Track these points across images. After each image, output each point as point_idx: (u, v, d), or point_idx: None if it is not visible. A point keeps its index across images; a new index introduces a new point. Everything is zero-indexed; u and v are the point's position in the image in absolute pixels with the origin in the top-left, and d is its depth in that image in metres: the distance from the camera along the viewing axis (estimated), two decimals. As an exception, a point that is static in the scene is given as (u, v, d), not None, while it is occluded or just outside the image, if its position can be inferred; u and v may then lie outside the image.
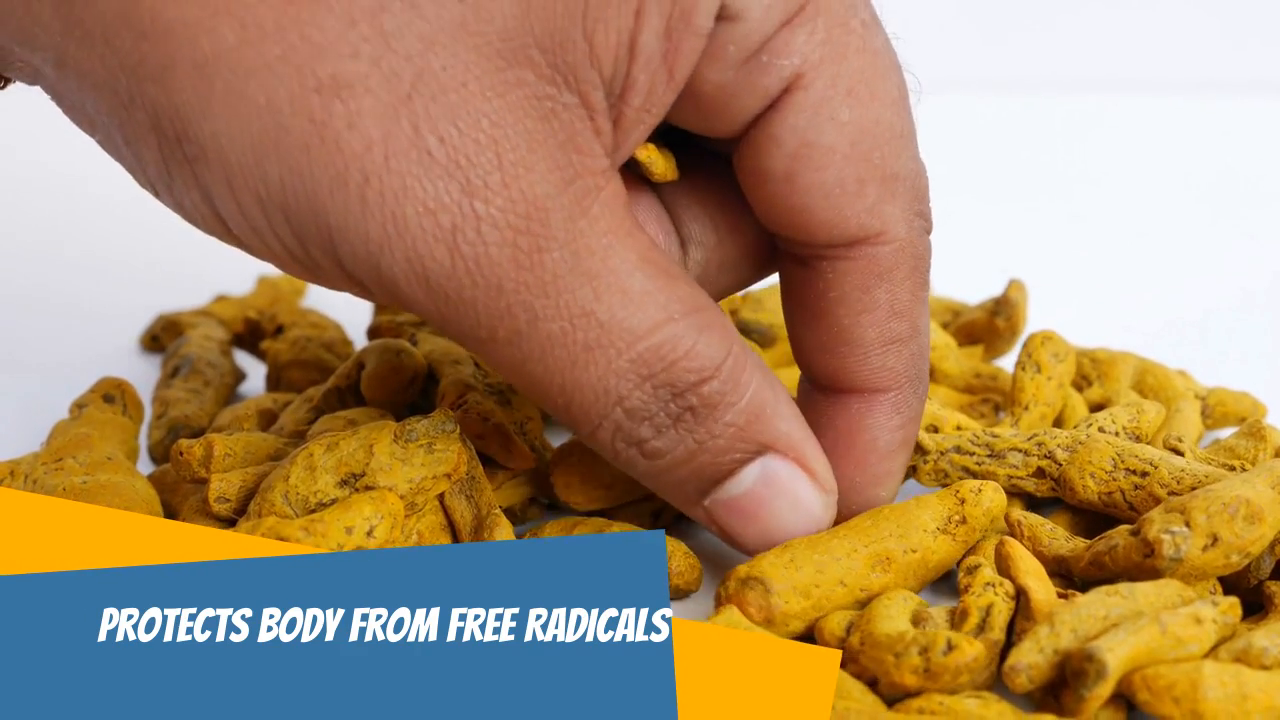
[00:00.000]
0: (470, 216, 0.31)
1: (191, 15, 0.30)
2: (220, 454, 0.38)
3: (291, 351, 0.47)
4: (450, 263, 0.31)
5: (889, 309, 0.36)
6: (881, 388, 0.36)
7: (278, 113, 0.30)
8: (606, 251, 0.32)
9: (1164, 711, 0.31)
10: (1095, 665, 0.31)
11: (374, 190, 0.30)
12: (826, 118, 0.34)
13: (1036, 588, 0.34)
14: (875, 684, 0.33)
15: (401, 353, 0.43)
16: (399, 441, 0.36)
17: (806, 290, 0.36)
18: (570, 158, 0.32)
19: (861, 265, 0.35)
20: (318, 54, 0.30)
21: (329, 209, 0.31)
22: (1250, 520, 0.34)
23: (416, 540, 0.37)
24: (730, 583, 0.35)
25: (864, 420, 0.37)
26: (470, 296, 0.31)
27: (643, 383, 0.33)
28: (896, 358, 0.36)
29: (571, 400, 0.33)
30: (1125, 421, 0.42)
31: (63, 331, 0.55)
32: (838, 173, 0.34)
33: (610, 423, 0.33)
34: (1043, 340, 0.44)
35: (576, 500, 0.40)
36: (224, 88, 0.30)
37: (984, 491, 0.37)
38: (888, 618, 0.34)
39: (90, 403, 0.43)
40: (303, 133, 0.30)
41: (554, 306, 0.32)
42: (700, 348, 0.33)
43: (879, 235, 0.35)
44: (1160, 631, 0.32)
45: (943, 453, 0.41)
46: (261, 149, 0.30)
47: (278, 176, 0.31)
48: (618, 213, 0.32)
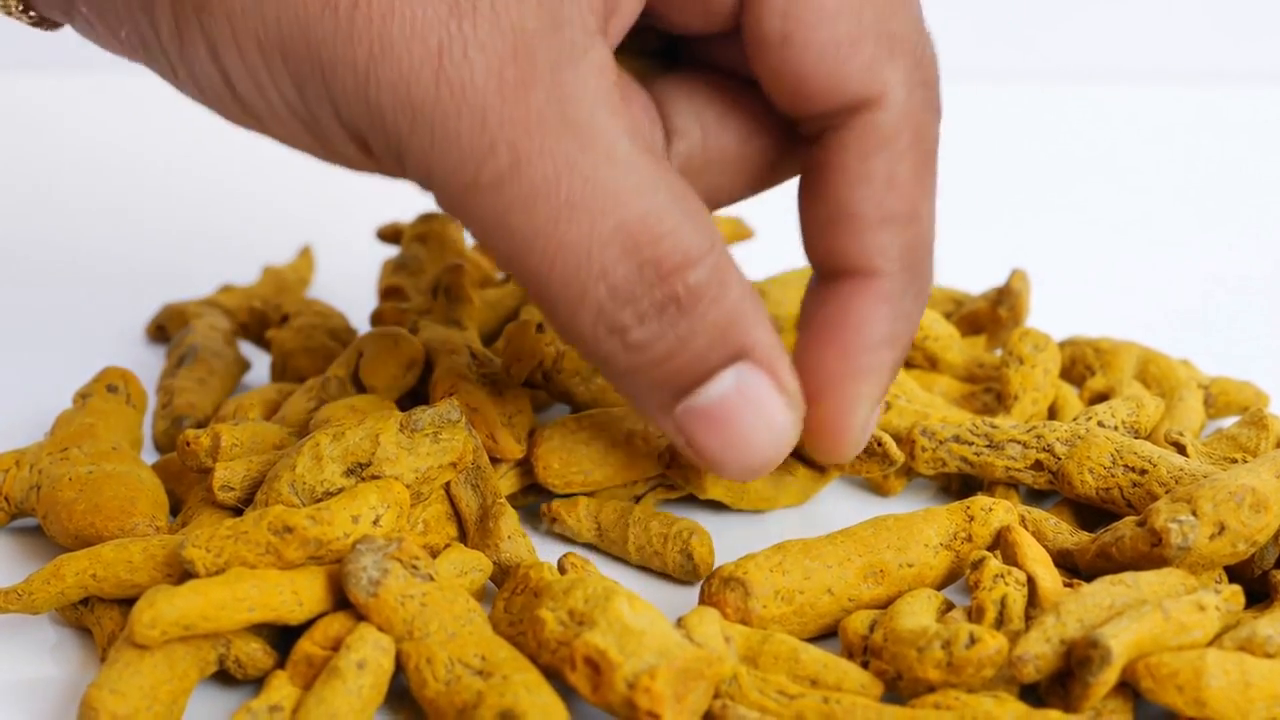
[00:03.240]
0: (457, 37, 0.31)
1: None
2: (228, 444, 0.38)
3: (296, 340, 0.47)
4: (435, 88, 0.31)
5: (886, 182, 0.35)
6: (873, 270, 0.36)
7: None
8: (593, 111, 0.32)
9: (1168, 699, 0.31)
10: (1100, 652, 0.31)
11: (361, 13, 0.31)
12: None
13: (1044, 575, 0.34)
14: (898, 681, 0.33)
15: (400, 340, 0.43)
16: (405, 431, 0.36)
17: (813, 168, 0.36)
18: (561, 5, 0.32)
19: (860, 133, 0.35)
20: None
21: (320, 41, 0.31)
22: (1256, 509, 0.34)
23: (422, 529, 0.37)
24: (714, 581, 0.35)
25: (852, 304, 0.36)
26: (454, 128, 0.31)
27: (626, 256, 0.32)
28: (892, 238, 0.36)
29: (554, 265, 0.32)
30: (1124, 415, 0.42)
31: (68, 321, 0.55)
32: (831, 30, 0.34)
33: (593, 300, 0.32)
34: (1020, 336, 0.44)
35: (556, 484, 0.40)
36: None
37: (995, 511, 0.37)
38: (911, 614, 0.34)
39: (94, 393, 0.43)
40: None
41: (538, 150, 0.31)
42: (685, 231, 0.33)
43: (878, 99, 0.35)
44: (1164, 618, 0.32)
45: (941, 442, 0.41)
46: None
47: (275, 14, 0.31)
48: (605, 82, 0.32)
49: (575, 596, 0.32)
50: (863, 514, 0.38)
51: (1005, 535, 0.36)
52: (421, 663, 0.32)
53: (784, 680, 0.32)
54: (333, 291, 0.56)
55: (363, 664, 0.32)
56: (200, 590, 0.32)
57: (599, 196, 0.32)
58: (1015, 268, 0.50)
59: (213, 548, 0.34)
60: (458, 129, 0.31)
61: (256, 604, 0.33)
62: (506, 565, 0.37)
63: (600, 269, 0.32)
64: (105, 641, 0.35)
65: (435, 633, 0.32)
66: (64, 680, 0.35)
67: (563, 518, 0.40)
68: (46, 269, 0.61)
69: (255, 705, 0.32)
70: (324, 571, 0.34)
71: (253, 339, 0.52)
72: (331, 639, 0.33)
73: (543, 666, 0.32)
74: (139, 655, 0.32)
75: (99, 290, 0.58)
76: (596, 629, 0.31)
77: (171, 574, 0.35)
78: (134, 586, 0.35)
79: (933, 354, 0.47)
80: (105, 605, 0.35)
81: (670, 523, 0.39)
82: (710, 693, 0.31)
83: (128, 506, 0.38)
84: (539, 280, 0.32)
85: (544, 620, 0.32)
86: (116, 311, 0.56)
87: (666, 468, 0.40)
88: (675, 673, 0.30)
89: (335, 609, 0.34)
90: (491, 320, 0.48)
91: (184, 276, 0.58)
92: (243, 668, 0.34)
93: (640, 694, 0.30)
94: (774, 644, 0.33)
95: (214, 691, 0.34)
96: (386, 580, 0.33)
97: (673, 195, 0.33)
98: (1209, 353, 0.51)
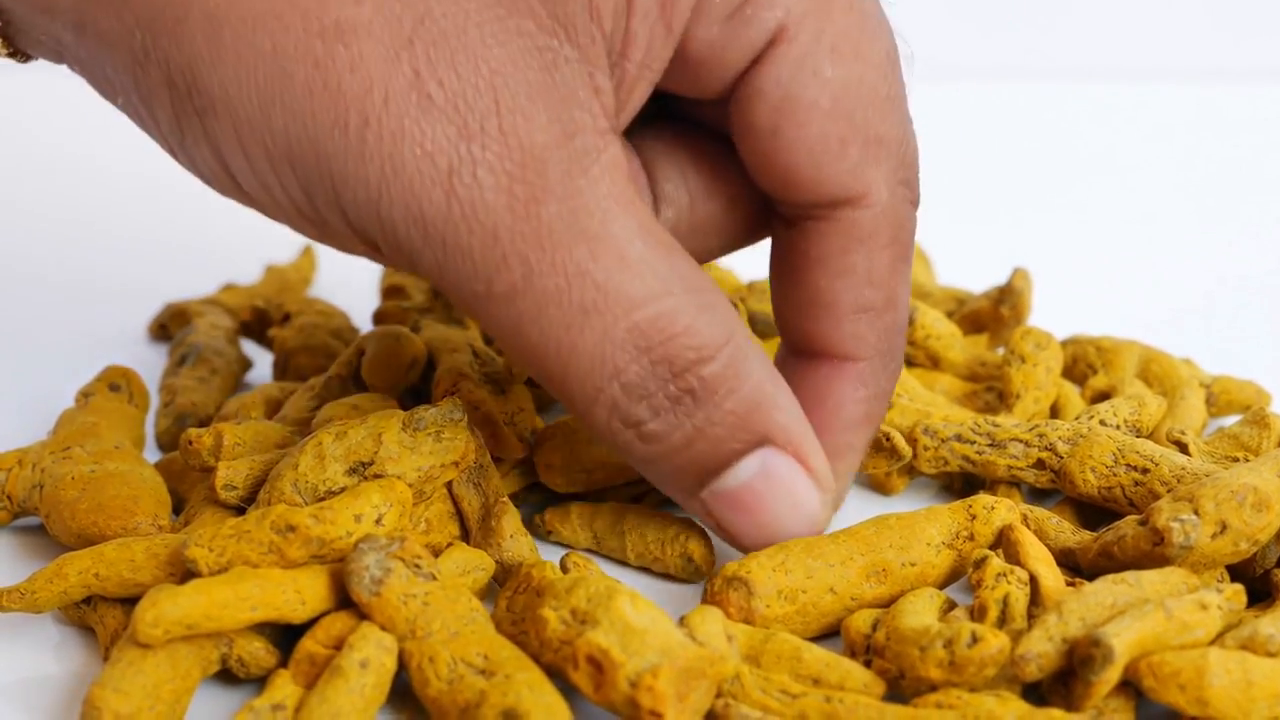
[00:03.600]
0: (467, 159, 0.31)
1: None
2: (230, 443, 0.38)
3: (299, 338, 0.47)
4: (446, 206, 0.31)
5: (865, 276, 0.36)
6: (851, 355, 0.36)
7: (283, 59, 0.31)
8: (605, 215, 0.32)
9: (1170, 698, 0.31)
10: (1102, 650, 0.31)
11: (373, 132, 0.31)
12: (809, 72, 0.34)
13: (1046, 574, 0.34)
14: (901, 680, 0.33)
15: (401, 338, 0.43)
16: (407, 430, 0.36)
17: (790, 250, 0.36)
18: (571, 113, 0.32)
19: (841, 228, 0.35)
20: (322, 1, 0.31)
21: (331, 154, 0.31)
22: (1258, 508, 0.34)
23: (425, 528, 0.37)
24: (717, 580, 0.35)
25: (830, 386, 0.36)
26: (466, 243, 0.31)
27: (640, 355, 0.32)
28: (869, 327, 0.36)
29: (568, 368, 0.32)
30: (1127, 414, 0.42)
31: (71, 320, 0.55)
32: (820, 129, 0.34)
33: (607, 398, 0.33)
34: (1022, 335, 0.45)
35: (558, 483, 0.40)
36: (232, 36, 0.31)
37: (996, 510, 0.37)
38: (914, 613, 0.34)
39: (96, 391, 0.43)
40: (306, 78, 0.31)
41: (549, 262, 0.31)
42: (700, 326, 0.33)
43: (861, 198, 0.35)
44: (1166, 617, 0.32)
45: (943, 440, 0.41)
46: (267, 97, 0.31)
47: (283, 125, 0.31)
48: (618, 180, 0.32)
49: (578, 595, 0.32)
50: (864, 513, 0.38)
51: (1007, 534, 0.36)
52: (424, 662, 0.32)
53: (786, 679, 0.32)
54: (335, 290, 0.56)
55: (365, 663, 0.32)
56: (203, 589, 0.32)
57: (612, 302, 0.32)
58: (1017, 266, 0.50)
59: (215, 547, 0.34)
60: (469, 245, 0.31)
61: (259, 603, 0.33)
62: (509, 564, 0.37)
63: (614, 369, 0.32)
64: (108, 640, 0.35)
65: (438, 632, 0.32)
66: (67, 679, 0.35)
67: (557, 529, 0.40)
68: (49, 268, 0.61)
69: (258, 704, 0.32)
70: (326, 570, 0.34)
71: (255, 338, 0.52)
72: (334, 638, 0.33)
73: (545, 666, 0.32)
74: (142, 654, 0.32)
75: (101, 289, 0.58)
76: (599, 628, 0.31)
77: (174, 573, 0.35)
78: (137, 585, 0.35)
79: (935, 353, 0.47)
80: (108, 604, 0.35)
81: (666, 526, 0.39)
82: (713, 692, 0.31)
83: (130, 505, 0.38)
84: (554, 381, 0.33)
85: (546, 619, 0.32)
86: (119, 310, 0.56)
87: None
88: (678, 672, 0.30)
89: (338, 608, 0.34)
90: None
91: (186, 275, 0.58)
92: (245, 667, 0.34)
93: (643, 693, 0.30)
94: (776, 643, 0.34)
95: (217, 690, 0.34)
96: (389, 579, 0.33)
97: (686, 288, 0.33)
98: (1210, 351, 0.51)
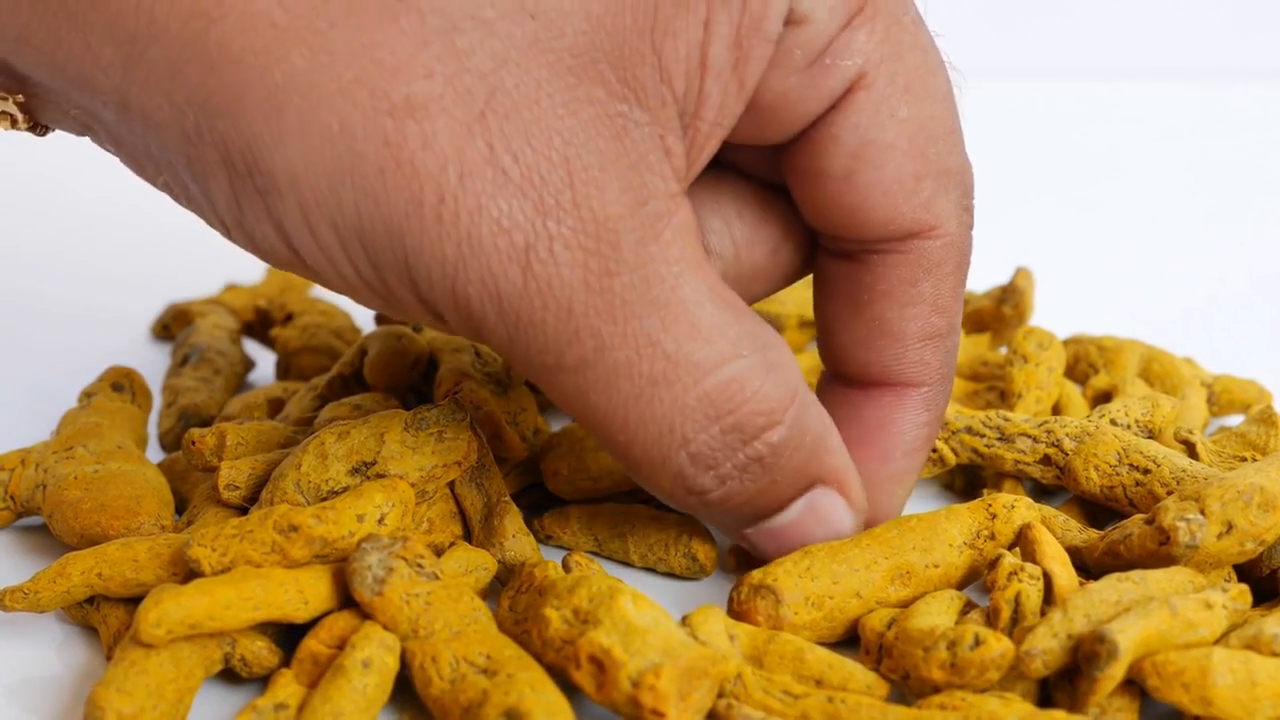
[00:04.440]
0: (543, 235, 0.30)
1: (261, 44, 0.29)
2: (233, 443, 0.38)
3: (301, 338, 0.48)
4: (523, 283, 0.31)
5: (933, 304, 0.36)
6: (916, 382, 0.36)
7: (351, 138, 0.30)
8: (676, 280, 0.32)
9: (1174, 698, 0.31)
10: (1107, 647, 0.31)
11: (449, 210, 0.30)
12: (887, 115, 0.34)
13: (1061, 573, 0.34)
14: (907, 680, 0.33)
15: (403, 338, 0.43)
16: (410, 430, 0.36)
17: (849, 284, 0.36)
18: (642, 178, 0.31)
19: (911, 259, 0.35)
20: (391, 76, 0.30)
21: (405, 231, 0.30)
22: (1265, 508, 0.34)
23: (427, 528, 0.37)
24: (744, 588, 0.35)
25: (894, 414, 0.37)
26: (540, 319, 0.31)
27: (709, 424, 0.32)
28: (934, 353, 0.36)
29: (635, 437, 0.32)
30: (1139, 414, 0.42)
31: (73, 320, 0.55)
32: (897, 169, 0.34)
33: (673, 466, 0.33)
34: (1024, 334, 0.45)
35: (564, 490, 0.40)
36: (296, 115, 0.30)
37: (1017, 509, 0.37)
38: (926, 614, 0.34)
39: (99, 391, 0.43)
40: (377, 156, 0.30)
41: (621, 334, 0.31)
42: (768, 389, 0.33)
43: (931, 229, 0.35)
44: (1171, 614, 0.32)
45: (954, 433, 0.41)
46: (336, 176, 0.30)
47: (353, 203, 0.30)
48: (689, 242, 0.32)
49: (580, 595, 0.32)
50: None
51: (1026, 532, 0.36)
52: (426, 661, 0.32)
53: (789, 680, 0.32)
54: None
55: (368, 662, 0.32)
56: (206, 589, 0.32)
57: (681, 370, 0.32)
58: (1019, 266, 0.50)
59: (218, 546, 0.34)
60: (543, 319, 0.31)
61: (262, 603, 0.33)
62: (511, 563, 0.37)
63: (682, 438, 0.32)
64: (111, 640, 0.35)
65: (440, 631, 0.32)
66: (70, 679, 0.35)
67: (557, 535, 0.40)
68: (51, 268, 0.61)
69: (261, 704, 0.32)
70: (329, 570, 0.34)
71: (257, 338, 0.52)
72: (337, 637, 0.33)
73: (547, 665, 0.32)
74: (145, 654, 0.32)
75: (104, 289, 0.58)
76: (601, 627, 0.31)
77: (177, 573, 0.35)
78: (139, 585, 0.35)
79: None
80: (111, 604, 0.35)
81: (667, 526, 0.39)
82: (714, 691, 0.31)
83: (133, 505, 0.38)
84: (619, 449, 0.33)
85: (549, 619, 0.32)
86: (122, 310, 0.56)
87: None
88: (680, 671, 0.30)
89: (340, 607, 0.34)
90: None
91: (189, 275, 0.58)
92: (248, 666, 0.34)
93: (645, 692, 0.30)
94: (779, 643, 0.34)
95: (219, 690, 0.34)
96: (391, 579, 0.33)
97: (754, 347, 0.33)
98: (1212, 350, 0.51)
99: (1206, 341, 0.53)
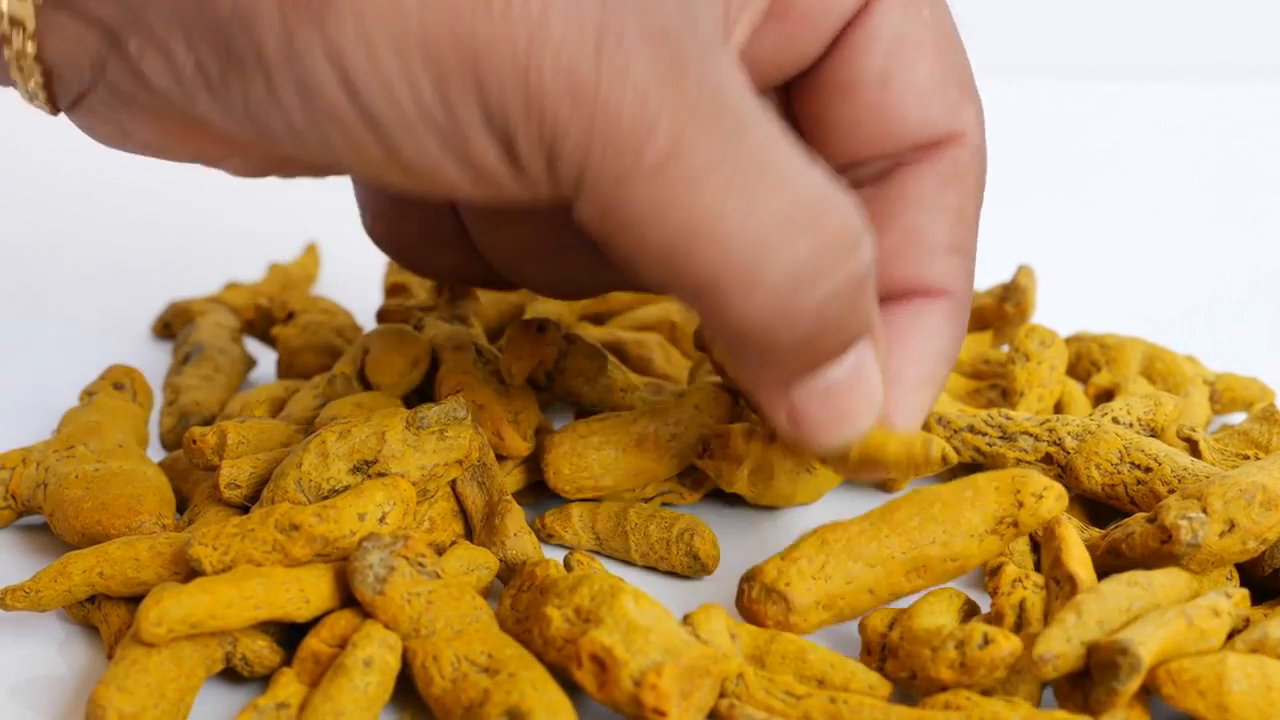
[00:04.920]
0: (613, 28, 0.30)
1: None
2: (234, 442, 0.38)
3: (302, 337, 0.48)
4: (597, 68, 0.30)
5: (958, 214, 0.36)
6: (945, 289, 0.36)
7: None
8: (742, 97, 0.31)
9: (1189, 705, 0.31)
10: (1130, 659, 0.30)
11: (517, 6, 0.29)
12: (915, 14, 0.35)
13: (1084, 577, 0.33)
14: (913, 680, 0.33)
15: (405, 336, 0.43)
16: (411, 428, 0.36)
17: (874, 207, 0.36)
18: (693, 9, 0.31)
19: (941, 167, 0.36)
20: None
21: (474, 29, 0.29)
22: (1267, 506, 0.34)
23: (429, 527, 0.37)
24: (755, 587, 0.35)
25: (920, 321, 0.36)
26: (617, 108, 0.30)
27: (803, 234, 0.31)
28: (959, 266, 0.37)
29: (722, 253, 0.30)
30: (1141, 413, 0.42)
31: (74, 319, 0.55)
32: (929, 70, 0.35)
33: (769, 287, 0.31)
34: (1027, 332, 0.45)
35: (565, 489, 0.40)
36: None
37: (1045, 499, 0.34)
38: (930, 614, 0.34)
39: (100, 390, 0.43)
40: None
41: (700, 132, 0.30)
42: (850, 209, 0.32)
43: (960, 135, 0.36)
44: (1187, 625, 0.32)
45: (956, 431, 0.41)
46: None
47: (416, 11, 0.29)
48: (744, 77, 0.31)
49: (581, 594, 0.32)
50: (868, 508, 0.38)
51: (1053, 528, 0.35)
52: (428, 660, 0.32)
53: (790, 680, 0.32)
54: (338, 289, 0.56)
55: (369, 661, 0.32)
56: (207, 588, 0.32)
57: (765, 176, 0.30)
58: (1021, 264, 0.50)
59: (219, 545, 0.34)
60: (620, 109, 0.30)
61: (263, 602, 0.33)
62: (513, 562, 0.37)
63: (774, 252, 0.31)
64: (112, 639, 0.35)
65: (441, 630, 0.32)
66: (71, 678, 0.35)
67: (558, 533, 0.40)
68: (52, 266, 0.61)
69: (262, 703, 0.32)
70: (330, 569, 0.34)
71: (258, 336, 0.52)
72: (338, 636, 0.33)
73: (549, 664, 0.32)
74: (146, 653, 0.32)
75: (105, 288, 0.58)
76: (603, 626, 0.31)
77: (178, 572, 0.35)
78: (141, 584, 0.35)
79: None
80: (112, 603, 0.35)
81: (669, 525, 0.39)
82: (716, 690, 0.31)
83: (134, 504, 0.38)
84: (702, 274, 0.31)
85: (550, 617, 0.32)
86: (122, 309, 0.56)
87: (699, 456, 0.40)
88: (681, 670, 0.30)
89: (342, 606, 0.34)
90: (497, 317, 0.48)
91: (190, 274, 0.58)
92: (249, 665, 0.34)
93: (646, 691, 0.30)
94: (781, 643, 0.33)
95: (221, 689, 0.34)
96: (393, 578, 0.33)
97: (826, 171, 0.32)
98: (1214, 348, 0.51)
99: (1209, 339, 0.53)
